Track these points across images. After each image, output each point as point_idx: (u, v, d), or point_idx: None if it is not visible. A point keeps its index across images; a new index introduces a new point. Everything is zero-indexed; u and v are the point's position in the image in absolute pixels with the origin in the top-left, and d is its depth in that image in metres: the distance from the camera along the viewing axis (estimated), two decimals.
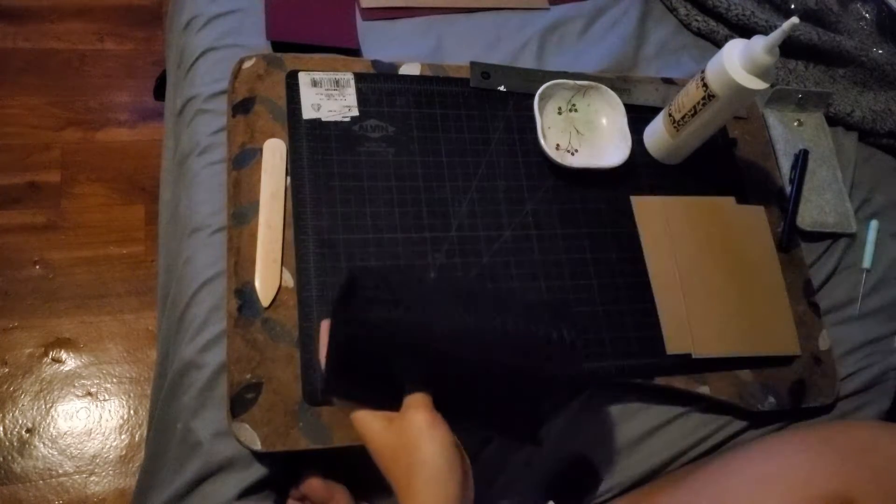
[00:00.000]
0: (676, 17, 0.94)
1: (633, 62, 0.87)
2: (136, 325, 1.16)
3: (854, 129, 0.91)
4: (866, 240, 0.83)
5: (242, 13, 0.77)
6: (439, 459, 0.45)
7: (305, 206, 0.65)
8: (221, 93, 0.71)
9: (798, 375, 0.71)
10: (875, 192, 0.88)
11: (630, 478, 0.67)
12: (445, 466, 0.45)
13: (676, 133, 0.72)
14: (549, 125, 0.75)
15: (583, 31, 0.88)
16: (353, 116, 0.70)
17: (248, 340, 0.59)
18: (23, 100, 1.30)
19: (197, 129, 0.70)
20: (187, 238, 0.66)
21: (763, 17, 0.89)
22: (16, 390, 1.09)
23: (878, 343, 0.78)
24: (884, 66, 0.91)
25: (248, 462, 0.58)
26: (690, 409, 0.70)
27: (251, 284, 0.61)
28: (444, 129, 0.72)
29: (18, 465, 1.04)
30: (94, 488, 1.05)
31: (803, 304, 0.75)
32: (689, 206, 0.74)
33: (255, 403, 0.57)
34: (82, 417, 1.09)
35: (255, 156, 0.66)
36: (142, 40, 1.40)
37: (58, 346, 1.13)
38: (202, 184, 0.68)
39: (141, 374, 1.13)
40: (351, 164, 0.68)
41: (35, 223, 1.21)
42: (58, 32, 1.37)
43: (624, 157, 0.72)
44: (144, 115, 1.33)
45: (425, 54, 0.79)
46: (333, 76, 0.71)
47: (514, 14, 0.87)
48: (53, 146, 1.27)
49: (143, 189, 1.26)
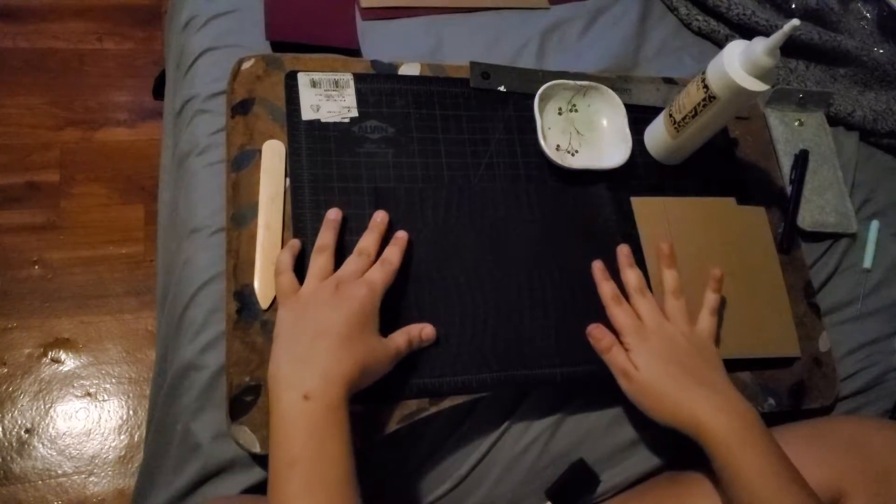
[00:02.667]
0: (677, 16, 0.94)
1: (633, 62, 0.86)
2: (135, 326, 1.16)
3: (855, 129, 0.91)
4: (867, 240, 0.83)
5: (241, 13, 0.76)
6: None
7: (305, 208, 0.65)
8: (221, 93, 0.70)
9: (798, 377, 0.71)
10: (876, 192, 0.88)
11: (628, 479, 0.67)
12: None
13: (677, 134, 0.72)
14: (549, 126, 0.75)
15: (583, 31, 0.87)
16: (353, 117, 0.70)
17: (246, 343, 0.59)
18: (22, 99, 1.29)
19: (196, 129, 0.70)
20: (186, 239, 0.66)
21: (764, 16, 0.89)
22: (15, 390, 1.09)
23: (879, 344, 0.78)
24: (885, 65, 0.91)
25: (247, 464, 0.58)
26: None
27: (250, 287, 0.61)
28: (443, 130, 0.72)
29: (17, 465, 1.04)
30: (94, 489, 1.05)
31: (803, 305, 0.75)
32: (690, 206, 0.74)
33: (254, 406, 0.57)
34: (81, 418, 1.09)
35: (254, 157, 0.66)
36: (141, 40, 1.40)
37: (57, 346, 1.13)
38: (201, 184, 0.67)
39: (140, 374, 1.13)
40: (350, 165, 0.68)
41: (34, 223, 1.20)
42: (57, 32, 1.37)
43: (624, 157, 0.72)
44: (144, 114, 1.32)
45: (425, 54, 0.79)
46: (333, 77, 0.71)
47: (514, 14, 0.86)
48: (52, 146, 1.27)
49: (143, 189, 1.26)
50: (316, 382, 0.49)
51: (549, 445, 0.66)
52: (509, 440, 0.65)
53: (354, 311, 0.54)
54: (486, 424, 0.65)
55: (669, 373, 0.59)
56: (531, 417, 0.66)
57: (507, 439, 0.65)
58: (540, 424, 0.66)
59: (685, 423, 0.57)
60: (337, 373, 0.50)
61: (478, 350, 0.62)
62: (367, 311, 0.55)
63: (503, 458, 0.65)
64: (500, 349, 0.62)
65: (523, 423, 0.66)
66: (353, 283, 0.56)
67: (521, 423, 0.66)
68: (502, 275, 0.65)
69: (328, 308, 0.54)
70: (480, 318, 0.63)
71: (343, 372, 0.50)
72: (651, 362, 0.59)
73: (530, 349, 0.63)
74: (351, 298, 0.54)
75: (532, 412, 0.66)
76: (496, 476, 0.65)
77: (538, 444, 0.66)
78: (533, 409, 0.66)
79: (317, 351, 0.51)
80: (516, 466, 0.65)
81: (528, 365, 0.62)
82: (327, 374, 0.50)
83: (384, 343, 0.55)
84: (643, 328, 0.62)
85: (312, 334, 0.52)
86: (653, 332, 0.62)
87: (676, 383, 0.58)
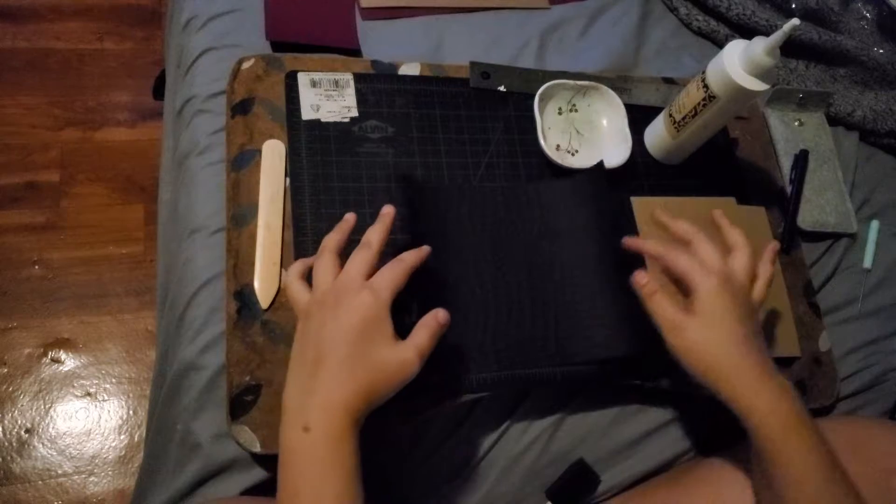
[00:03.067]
0: (677, 16, 0.94)
1: (633, 62, 0.86)
2: (135, 326, 1.16)
3: (855, 129, 0.91)
4: (867, 240, 0.83)
5: (242, 13, 0.76)
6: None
7: (305, 208, 0.65)
8: (221, 93, 0.70)
9: (798, 377, 0.71)
10: (876, 192, 0.88)
11: (628, 479, 0.68)
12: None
13: (677, 133, 0.72)
14: (549, 125, 0.75)
15: (583, 31, 0.87)
16: (353, 117, 0.70)
17: (247, 343, 0.59)
18: (22, 99, 1.29)
19: (196, 129, 0.70)
20: (186, 238, 0.66)
21: (764, 16, 0.89)
22: (15, 390, 1.09)
23: (879, 343, 0.78)
24: (885, 65, 0.91)
25: (248, 464, 0.58)
26: (689, 411, 0.70)
27: (250, 286, 0.61)
28: (443, 130, 0.72)
29: (18, 465, 1.04)
30: (94, 489, 1.05)
31: (804, 304, 0.75)
32: (690, 206, 0.74)
33: (254, 405, 0.57)
34: (81, 418, 1.09)
35: (254, 157, 0.66)
36: (141, 40, 1.40)
37: (57, 346, 1.13)
38: (201, 184, 0.67)
39: (140, 374, 1.13)
40: (350, 165, 0.68)
41: (34, 223, 1.20)
42: (57, 32, 1.37)
43: (624, 157, 0.72)
44: (144, 114, 1.32)
45: (425, 54, 0.79)
46: (333, 77, 0.71)
47: (514, 14, 0.86)
48: (52, 146, 1.27)
49: (143, 189, 1.26)
50: (315, 413, 0.47)
51: (549, 445, 0.66)
52: (509, 440, 0.65)
53: (355, 326, 0.49)
54: (486, 424, 0.66)
55: (729, 332, 0.53)
56: (531, 417, 0.66)
57: (507, 439, 0.65)
58: (540, 424, 0.66)
59: (731, 398, 0.52)
60: (337, 401, 0.47)
61: (478, 350, 0.62)
62: (371, 322, 0.49)
63: (503, 458, 0.65)
64: (500, 349, 0.62)
65: (523, 423, 0.66)
66: (355, 290, 0.50)
67: (521, 423, 0.66)
68: (502, 274, 0.65)
69: (329, 323, 0.49)
70: (480, 318, 0.63)
71: (343, 399, 0.47)
72: (714, 309, 0.54)
73: (530, 349, 0.63)
74: (351, 311, 0.49)
75: (532, 412, 0.66)
76: (496, 476, 0.65)
77: (538, 444, 0.66)
78: (533, 409, 0.66)
79: (317, 378, 0.48)
80: (516, 466, 0.65)
81: (528, 365, 0.62)
82: (326, 403, 0.47)
83: (399, 350, 0.50)
84: (711, 271, 0.55)
85: (313, 359, 0.49)
86: (721, 277, 0.55)
87: (735, 349, 0.53)
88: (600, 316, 0.64)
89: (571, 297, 0.65)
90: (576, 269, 0.66)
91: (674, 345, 0.55)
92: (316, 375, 0.48)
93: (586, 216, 0.69)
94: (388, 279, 0.51)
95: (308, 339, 0.50)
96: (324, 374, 0.48)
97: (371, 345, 0.49)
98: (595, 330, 0.63)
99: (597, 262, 0.66)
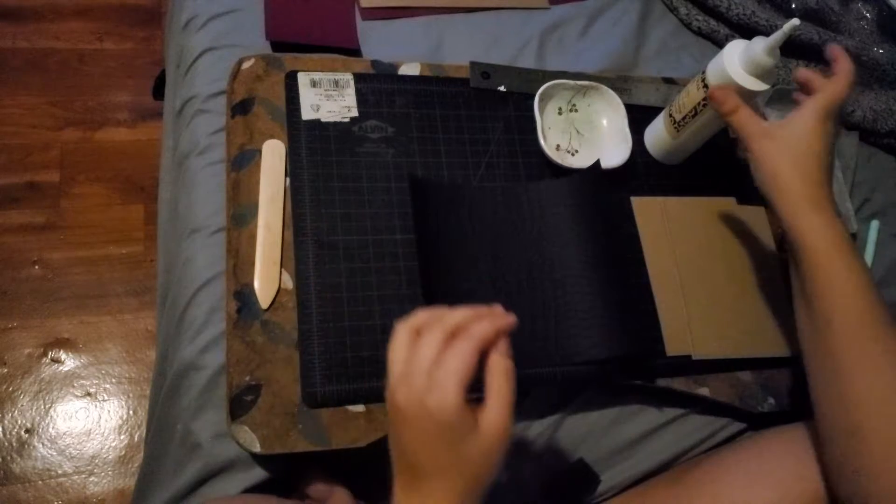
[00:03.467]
0: (677, 16, 0.94)
1: (633, 62, 0.86)
2: (135, 326, 1.16)
3: (855, 129, 0.91)
4: (867, 240, 0.83)
5: (242, 13, 0.76)
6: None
7: (305, 208, 0.65)
8: (221, 93, 0.70)
9: (798, 376, 0.71)
10: (876, 192, 0.88)
11: (628, 479, 0.67)
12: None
13: (677, 133, 0.72)
14: (549, 125, 0.75)
15: (583, 31, 0.87)
16: (353, 117, 0.70)
17: (247, 342, 0.59)
18: (22, 99, 1.29)
19: (196, 129, 0.70)
20: (186, 238, 0.66)
21: (764, 16, 0.89)
22: (15, 390, 1.09)
23: None
24: (884, 65, 0.91)
25: (248, 464, 0.58)
26: (689, 411, 0.70)
27: (250, 286, 0.61)
28: (443, 130, 0.72)
29: (17, 465, 1.04)
30: (94, 489, 1.05)
31: None
32: (690, 206, 0.74)
33: (254, 405, 0.57)
34: (81, 418, 1.09)
35: (254, 157, 0.66)
36: (141, 40, 1.40)
37: (57, 346, 1.13)
38: (201, 184, 0.67)
39: (140, 374, 1.13)
40: (350, 165, 0.68)
41: (34, 223, 1.20)
42: (57, 32, 1.37)
43: (624, 157, 0.72)
44: (144, 114, 1.32)
45: (425, 54, 0.79)
46: (333, 77, 0.71)
47: (514, 14, 0.86)
48: (52, 146, 1.27)
49: (143, 189, 1.26)
50: None
51: (549, 445, 0.66)
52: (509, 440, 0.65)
53: (421, 442, 0.41)
54: None
55: (811, 154, 0.55)
56: (531, 417, 0.66)
57: None
58: (540, 424, 0.66)
59: (789, 213, 0.54)
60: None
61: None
62: (446, 429, 0.41)
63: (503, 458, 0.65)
64: None
65: (523, 423, 0.66)
66: (419, 391, 0.41)
67: (521, 423, 0.66)
68: (502, 274, 0.65)
69: (406, 434, 0.42)
70: None
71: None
72: (816, 125, 0.56)
73: (531, 349, 0.63)
74: (414, 421, 0.41)
75: (532, 412, 0.66)
76: (495, 476, 0.65)
77: (538, 443, 0.66)
78: (533, 409, 0.66)
79: (420, 492, 0.42)
80: (516, 466, 0.65)
81: (528, 365, 0.62)
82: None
83: (486, 431, 0.42)
84: (827, 90, 0.58)
85: (407, 467, 0.43)
86: (832, 98, 0.58)
87: (808, 173, 0.54)
88: (600, 316, 0.64)
89: (571, 297, 0.65)
90: (575, 269, 0.66)
91: (755, 149, 0.56)
92: (419, 489, 0.42)
93: (586, 216, 0.69)
94: (452, 372, 0.41)
95: (394, 440, 0.44)
96: (425, 490, 0.42)
97: (452, 449, 0.42)
98: (595, 330, 0.63)
99: (597, 262, 0.66)
